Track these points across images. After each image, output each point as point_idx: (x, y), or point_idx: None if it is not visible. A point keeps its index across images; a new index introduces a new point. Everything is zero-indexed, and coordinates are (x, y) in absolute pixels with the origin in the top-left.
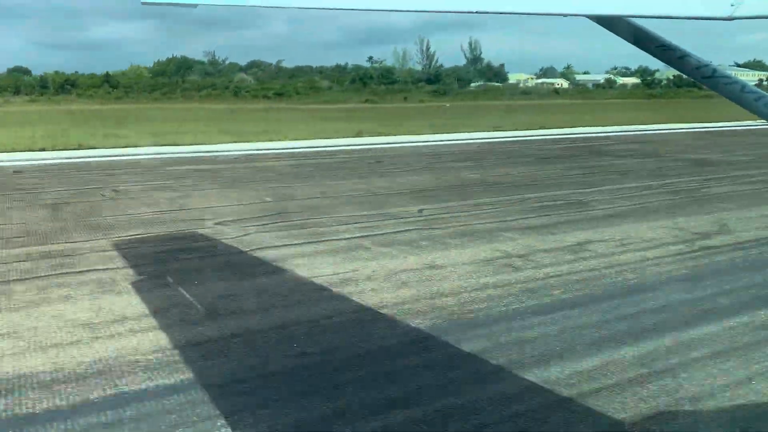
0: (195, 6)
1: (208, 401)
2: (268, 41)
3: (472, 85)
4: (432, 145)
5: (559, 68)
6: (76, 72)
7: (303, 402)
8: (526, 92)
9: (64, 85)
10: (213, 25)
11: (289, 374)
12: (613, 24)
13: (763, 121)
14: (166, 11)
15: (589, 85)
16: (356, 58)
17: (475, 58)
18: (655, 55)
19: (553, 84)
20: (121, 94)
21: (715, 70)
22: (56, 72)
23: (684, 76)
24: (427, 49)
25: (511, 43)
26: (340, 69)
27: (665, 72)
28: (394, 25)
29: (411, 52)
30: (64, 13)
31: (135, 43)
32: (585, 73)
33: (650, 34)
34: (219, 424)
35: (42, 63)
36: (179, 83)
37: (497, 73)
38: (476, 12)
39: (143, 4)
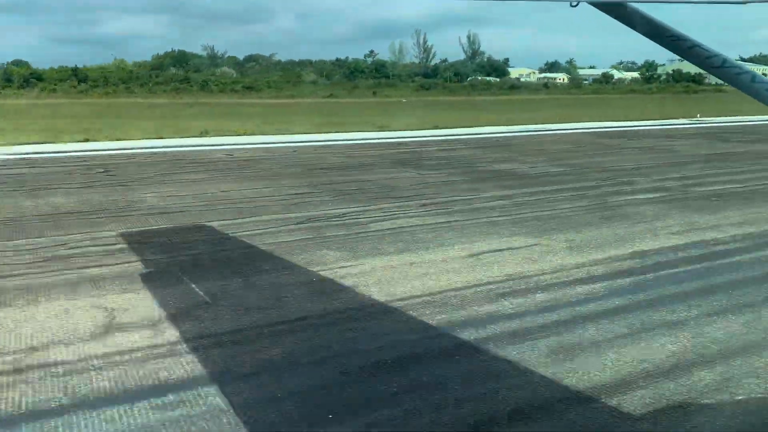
0: None
1: None
2: (279, 36)
3: (469, 79)
4: (249, 148)
5: (565, 63)
6: (84, 66)
7: None
8: (515, 87)
9: (29, 79)
10: (224, 20)
11: None
12: (624, 15)
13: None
14: (178, 6)
15: (589, 80)
16: (363, 52)
17: (474, 53)
18: (666, 46)
19: (554, 79)
20: (86, 87)
21: (725, 61)
22: (61, 66)
23: (683, 71)
24: (424, 42)
25: (519, 38)
26: (340, 63)
27: (668, 66)
28: (405, 19)
29: (407, 46)
30: (78, 8)
31: (148, 37)
32: (591, 67)
33: (661, 24)
34: None
35: (56, 57)
36: (152, 77)
37: (497, 68)
38: None
39: None
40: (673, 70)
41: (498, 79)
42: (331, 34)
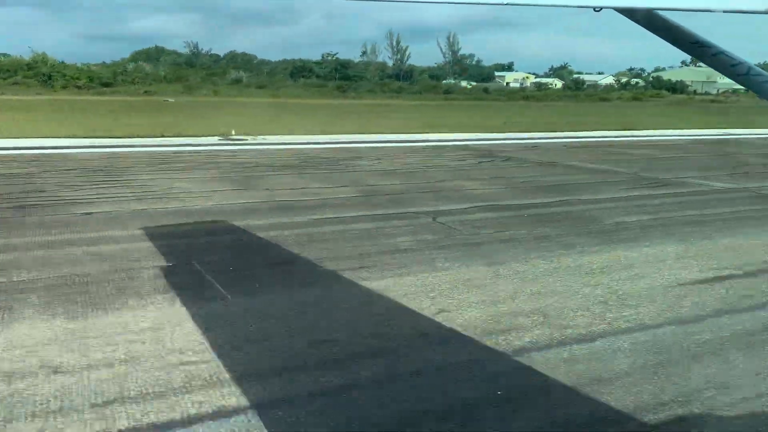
0: None
1: None
2: (305, 38)
3: (444, 82)
4: None
5: (577, 67)
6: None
7: None
8: (487, 91)
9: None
10: (251, 20)
11: None
12: (649, 20)
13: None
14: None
15: (584, 86)
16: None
17: (453, 54)
18: (689, 52)
19: (547, 84)
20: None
21: (750, 68)
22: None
23: (663, 79)
24: (397, 44)
25: (534, 42)
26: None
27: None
28: (429, 22)
29: (380, 47)
30: (111, 5)
31: (177, 36)
32: (599, 73)
33: (684, 30)
34: None
35: (86, 54)
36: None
37: (481, 71)
38: (506, 4)
39: None
40: (652, 78)
41: (470, 84)
42: (356, 36)
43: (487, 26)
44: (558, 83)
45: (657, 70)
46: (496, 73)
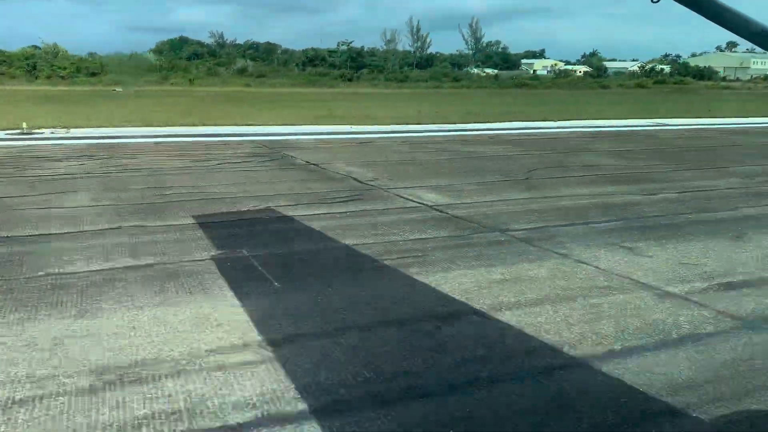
0: None
1: None
2: (342, 27)
3: (464, 70)
4: None
5: (612, 54)
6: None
7: None
8: (497, 78)
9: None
10: (291, 10)
11: None
12: (708, 9)
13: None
14: None
15: (606, 72)
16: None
17: (477, 42)
18: (753, 41)
19: (574, 71)
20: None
21: None
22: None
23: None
24: (418, 31)
25: (573, 28)
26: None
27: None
28: (469, 10)
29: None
30: None
31: (217, 26)
32: (633, 60)
33: (748, 19)
34: None
35: (125, 45)
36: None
37: (506, 59)
38: None
39: None
40: (679, 64)
41: (483, 73)
42: (394, 24)
43: (525, 13)
44: (585, 70)
45: (693, 55)
46: (525, 61)
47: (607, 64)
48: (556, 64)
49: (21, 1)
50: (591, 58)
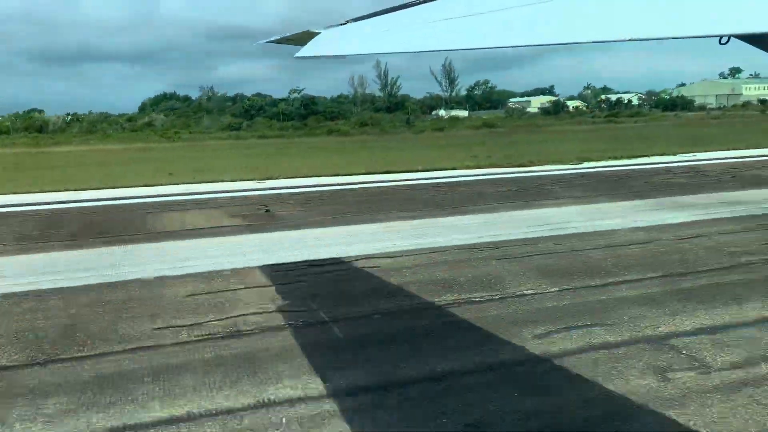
0: (344, 57)
1: None
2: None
3: (434, 113)
4: None
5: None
6: None
7: None
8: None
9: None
10: (327, 63)
11: None
12: None
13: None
14: (282, 51)
15: (564, 109)
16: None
17: (451, 84)
18: None
19: (568, 106)
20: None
21: None
22: None
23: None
24: (385, 74)
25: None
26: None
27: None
28: (510, 51)
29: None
30: (199, 55)
31: (259, 80)
32: (626, 92)
33: None
34: None
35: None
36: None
37: (488, 98)
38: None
39: (296, 57)
40: (654, 96)
41: (464, 114)
42: (436, 67)
43: (563, 53)
44: (577, 105)
45: (681, 85)
46: (518, 99)
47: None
48: (549, 101)
49: None
50: (585, 92)
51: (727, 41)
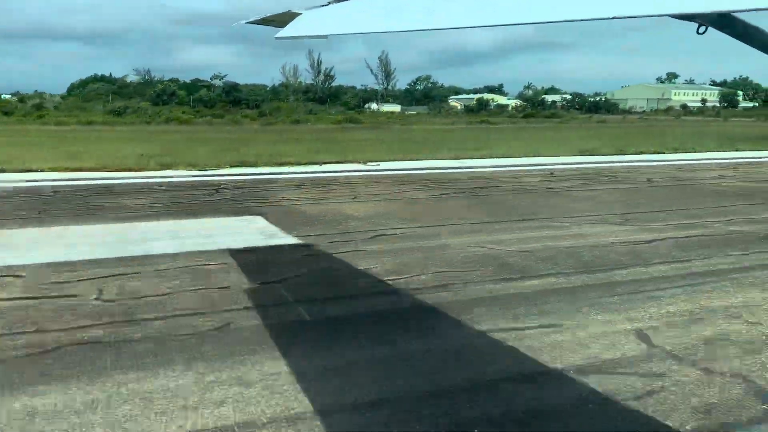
0: (326, 37)
1: None
2: (349, 65)
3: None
4: None
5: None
6: None
7: None
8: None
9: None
10: (294, 50)
11: None
12: (762, 43)
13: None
14: (252, 35)
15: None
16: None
17: (387, 75)
18: None
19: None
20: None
21: None
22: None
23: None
24: (318, 64)
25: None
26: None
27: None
28: (474, 47)
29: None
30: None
31: (223, 66)
32: (572, 93)
33: None
34: None
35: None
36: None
37: (428, 94)
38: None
39: (276, 38)
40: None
41: (396, 108)
42: (401, 62)
43: (533, 49)
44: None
45: (623, 87)
46: (459, 97)
47: (548, 97)
48: (493, 99)
49: None
50: (525, 92)
51: (705, 30)
